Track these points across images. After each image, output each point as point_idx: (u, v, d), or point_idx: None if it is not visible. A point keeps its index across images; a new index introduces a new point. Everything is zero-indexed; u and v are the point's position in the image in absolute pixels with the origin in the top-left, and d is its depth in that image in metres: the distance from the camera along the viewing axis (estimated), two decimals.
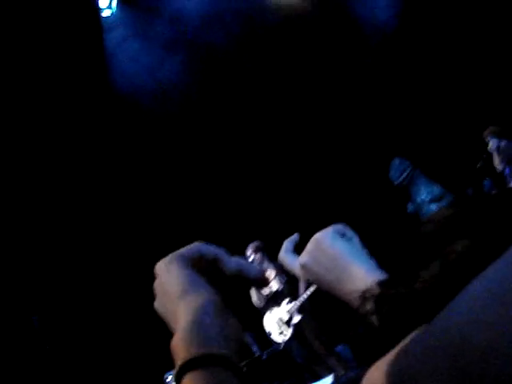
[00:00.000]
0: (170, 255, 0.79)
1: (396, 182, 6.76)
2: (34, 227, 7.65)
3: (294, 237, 1.22)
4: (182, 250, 0.79)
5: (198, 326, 0.69)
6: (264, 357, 7.04)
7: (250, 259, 6.79)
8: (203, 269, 0.79)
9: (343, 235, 1.05)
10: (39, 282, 7.53)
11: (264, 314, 6.87)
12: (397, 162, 6.87)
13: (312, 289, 6.35)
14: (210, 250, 0.80)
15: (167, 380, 6.55)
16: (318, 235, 1.05)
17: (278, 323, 6.70)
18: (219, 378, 0.63)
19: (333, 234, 1.04)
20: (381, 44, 8.78)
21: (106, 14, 8.47)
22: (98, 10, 8.48)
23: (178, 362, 0.65)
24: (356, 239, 1.03)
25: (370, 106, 8.57)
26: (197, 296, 0.74)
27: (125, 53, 8.47)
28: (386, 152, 7.25)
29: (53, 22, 7.80)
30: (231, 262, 0.81)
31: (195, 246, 0.80)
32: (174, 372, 0.66)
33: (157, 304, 0.79)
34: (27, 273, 7.48)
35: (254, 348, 7.13)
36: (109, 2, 8.41)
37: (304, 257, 1.06)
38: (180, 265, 0.77)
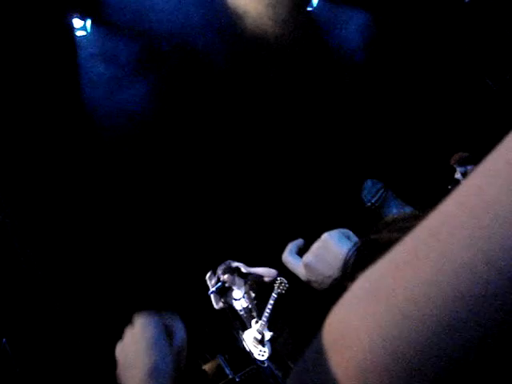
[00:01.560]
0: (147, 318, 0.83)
1: (368, 204, 6.80)
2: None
3: (299, 241, 1.25)
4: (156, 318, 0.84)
5: None
6: (237, 379, 7.01)
7: (221, 279, 6.84)
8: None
9: (348, 238, 1.08)
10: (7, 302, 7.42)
11: (236, 333, 6.88)
12: (369, 183, 6.93)
13: (272, 302, 6.47)
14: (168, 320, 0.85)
15: None
16: (325, 234, 1.09)
17: (253, 343, 6.72)
18: None
19: (339, 235, 1.07)
20: (350, 70, 8.93)
21: (80, 34, 8.47)
22: (72, 30, 8.48)
23: None
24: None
25: (342, 128, 8.68)
26: None
27: (91, 73, 8.50)
28: (359, 173, 7.32)
29: (27, 41, 7.80)
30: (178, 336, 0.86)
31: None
32: None
33: (122, 351, 0.80)
34: None
35: (227, 370, 7.10)
36: (83, 22, 8.41)
37: (309, 256, 1.09)
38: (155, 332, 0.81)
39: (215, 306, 6.92)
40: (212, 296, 6.85)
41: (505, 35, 8.31)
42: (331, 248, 1.06)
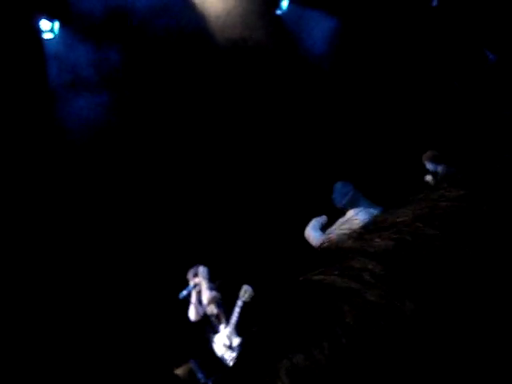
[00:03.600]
0: None
1: (338, 205, 6.86)
2: None
3: (322, 217, 1.26)
4: None
5: None
6: (209, 383, 6.99)
7: (191, 283, 6.87)
8: None
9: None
10: None
11: (209, 337, 6.90)
12: (339, 185, 6.97)
13: (238, 307, 6.50)
14: None
15: None
16: (351, 211, 1.12)
17: (223, 349, 6.75)
18: None
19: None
20: (319, 75, 8.97)
21: (47, 36, 8.32)
22: (39, 33, 8.33)
23: None
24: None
25: (310, 131, 8.71)
26: None
27: (55, 77, 8.40)
28: (329, 175, 7.36)
29: None
30: None
31: None
32: None
33: None
34: None
35: (200, 375, 7.08)
36: (51, 25, 8.28)
37: (333, 230, 1.11)
38: None
39: (192, 318, 6.94)
40: (191, 307, 6.89)
41: (469, 38, 8.46)
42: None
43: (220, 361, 6.92)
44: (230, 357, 6.67)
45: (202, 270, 6.91)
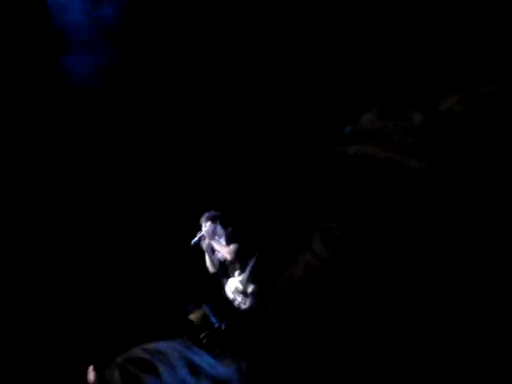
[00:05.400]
0: None
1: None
2: None
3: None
4: None
5: None
6: (223, 327, 7.11)
7: (204, 228, 6.89)
8: None
9: None
10: None
11: (221, 281, 7.01)
12: None
13: (253, 257, 6.59)
14: None
15: None
16: None
17: (235, 293, 6.86)
18: None
19: None
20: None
21: None
22: None
23: None
24: None
25: None
26: None
27: None
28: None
29: None
30: None
31: None
32: None
33: None
34: None
35: (213, 319, 7.21)
36: None
37: None
38: None
39: (210, 269, 7.05)
40: (207, 258, 6.95)
41: None
42: None
43: (232, 305, 7.03)
44: (242, 302, 6.79)
45: (215, 215, 6.99)
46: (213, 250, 7.06)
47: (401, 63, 7.60)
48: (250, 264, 6.70)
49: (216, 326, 7.13)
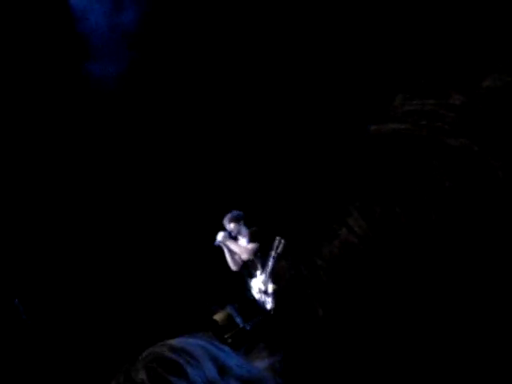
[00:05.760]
0: None
1: None
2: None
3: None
4: None
5: None
6: (248, 328, 7.13)
7: (227, 228, 6.98)
8: None
9: None
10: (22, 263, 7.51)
11: (245, 281, 7.04)
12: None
13: (272, 258, 6.61)
14: None
15: None
16: None
17: (259, 293, 6.90)
18: None
19: None
20: None
21: None
22: None
23: None
24: None
25: None
26: None
27: None
28: None
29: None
30: None
31: None
32: None
33: None
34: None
35: (238, 319, 7.22)
36: None
37: None
38: None
39: (232, 268, 7.08)
40: (229, 256, 6.97)
41: None
42: None
43: (257, 305, 7.06)
44: (265, 301, 6.83)
45: (238, 215, 7.00)
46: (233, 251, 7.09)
47: (434, 44, 7.49)
48: (270, 263, 6.72)
49: (241, 326, 7.15)
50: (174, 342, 0.98)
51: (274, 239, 6.65)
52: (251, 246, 6.94)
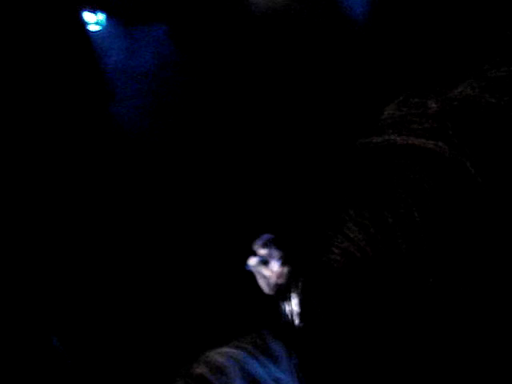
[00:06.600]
0: None
1: None
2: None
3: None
4: None
5: None
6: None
7: (258, 254, 6.97)
8: None
9: None
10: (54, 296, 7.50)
11: (279, 305, 7.00)
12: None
13: (296, 293, 6.59)
14: None
15: None
16: None
17: (293, 316, 6.85)
18: None
19: None
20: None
21: (93, 28, 8.43)
22: (84, 25, 8.43)
23: None
24: None
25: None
26: None
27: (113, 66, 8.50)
28: None
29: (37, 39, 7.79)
30: None
31: None
32: None
33: None
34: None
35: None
36: (96, 16, 8.39)
37: None
38: None
39: (266, 291, 7.05)
40: (261, 280, 6.97)
41: None
42: None
43: (292, 328, 7.01)
44: (297, 322, 6.79)
45: (269, 238, 6.98)
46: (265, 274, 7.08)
47: (413, 55, 7.59)
48: (300, 285, 6.69)
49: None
50: (211, 355, 1.02)
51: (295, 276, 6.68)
52: (283, 269, 6.90)
